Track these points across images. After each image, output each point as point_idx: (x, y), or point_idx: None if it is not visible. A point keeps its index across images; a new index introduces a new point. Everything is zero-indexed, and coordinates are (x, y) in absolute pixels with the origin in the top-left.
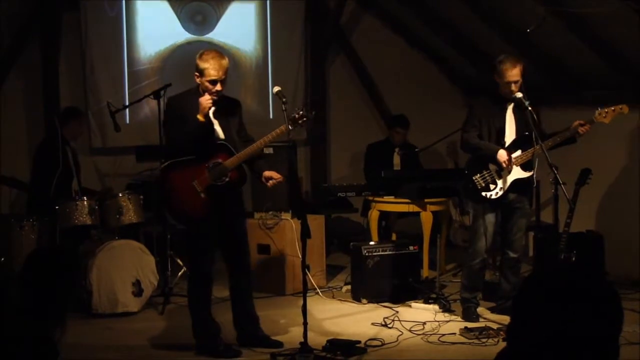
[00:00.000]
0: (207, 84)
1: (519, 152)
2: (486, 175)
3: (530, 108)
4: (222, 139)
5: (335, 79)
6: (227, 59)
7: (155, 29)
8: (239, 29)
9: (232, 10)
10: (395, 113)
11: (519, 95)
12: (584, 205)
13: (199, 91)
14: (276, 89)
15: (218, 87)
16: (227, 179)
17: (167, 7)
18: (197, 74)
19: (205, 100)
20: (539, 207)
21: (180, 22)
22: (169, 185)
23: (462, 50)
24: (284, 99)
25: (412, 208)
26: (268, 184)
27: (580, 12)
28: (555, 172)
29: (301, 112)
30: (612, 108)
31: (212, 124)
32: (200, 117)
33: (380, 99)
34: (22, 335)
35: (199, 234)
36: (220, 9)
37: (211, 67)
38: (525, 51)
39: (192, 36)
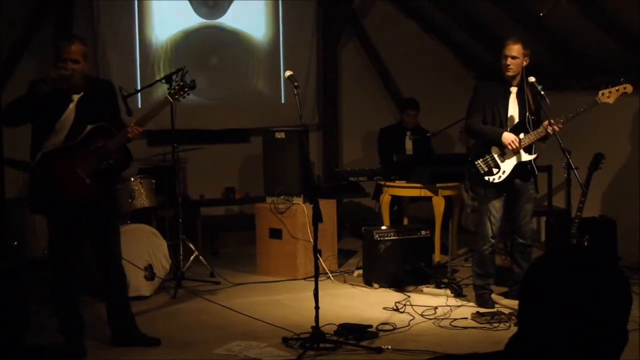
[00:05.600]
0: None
1: (522, 136)
2: (488, 159)
3: (542, 92)
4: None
5: (347, 63)
6: (79, 45)
7: (167, 13)
8: (251, 12)
9: None
10: (406, 96)
11: (532, 79)
12: (596, 190)
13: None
14: (288, 73)
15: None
16: (111, 161)
17: None
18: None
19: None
20: (551, 191)
21: (192, 6)
22: (47, 176)
23: (475, 34)
24: (295, 83)
25: (424, 193)
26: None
27: None
28: (568, 156)
29: (181, 84)
30: (616, 88)
31: (62, 103)
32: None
33: (393, 83)
34: None
35: (70, 223)
36: None
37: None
38: (538, 35)
39: (204, 20)
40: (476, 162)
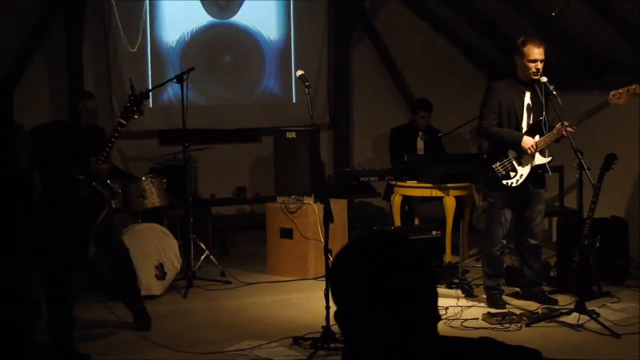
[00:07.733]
0: None
1: (537, 138)
2: (506, 162)
3: (555, 93)
4: None
5: (358, 62)
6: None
7: (178, 12)
8: (262, 12)
9: None
10: (418, 97)
11: (544, 79)
12: (609, 191)
13: None
14: (299, 72)
15: None
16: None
17: None
18: None
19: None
20: (563, 192)
21: (203, 6)
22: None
23: (486, 34)
24: (306, 83)
25: (435, 193)
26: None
27: None
28: (580, 157)
29: (132, 99)
30: (626, 89)
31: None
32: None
33: (404, 83)
34: None
35: None
36: None
37: None
38: (549, 35)
39: (215, 20)
40: (494, 166)
